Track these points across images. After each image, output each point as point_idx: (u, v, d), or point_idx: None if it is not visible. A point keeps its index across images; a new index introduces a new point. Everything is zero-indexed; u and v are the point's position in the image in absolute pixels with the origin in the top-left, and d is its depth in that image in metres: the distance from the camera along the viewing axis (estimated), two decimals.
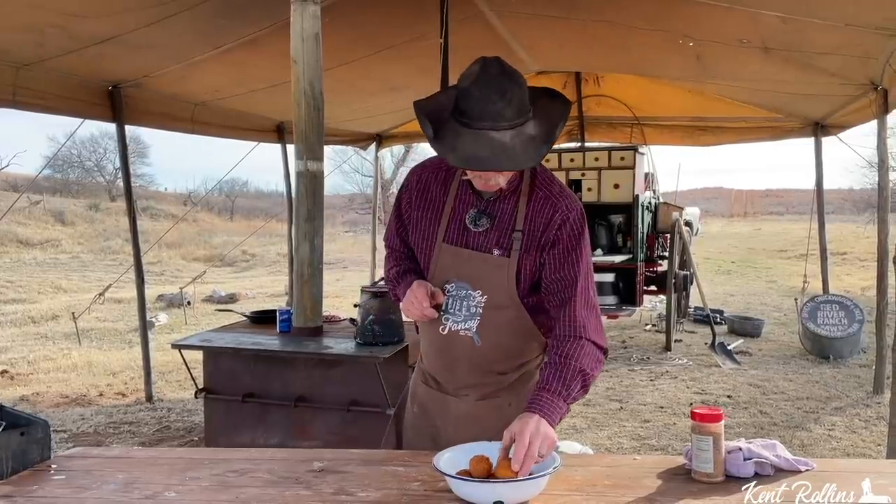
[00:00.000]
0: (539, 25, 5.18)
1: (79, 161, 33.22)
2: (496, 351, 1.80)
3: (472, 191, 1.78)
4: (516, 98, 1.58)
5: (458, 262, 1.78)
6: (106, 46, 4.17)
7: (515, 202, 1.76)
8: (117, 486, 1.52)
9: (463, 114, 1.59)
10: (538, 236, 1.74)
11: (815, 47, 4.37)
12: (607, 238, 7.38)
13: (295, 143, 3.47)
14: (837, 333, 6.42)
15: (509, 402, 1.83)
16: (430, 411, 1.91)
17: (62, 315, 9.38)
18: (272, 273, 15.70)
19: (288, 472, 1.58)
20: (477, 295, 1.76)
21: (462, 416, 1.85)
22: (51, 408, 5.32)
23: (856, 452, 4.20)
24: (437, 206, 1.82)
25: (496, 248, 1.75)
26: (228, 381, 3.32)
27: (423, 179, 1.87)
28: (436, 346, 1.85)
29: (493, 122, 1.56)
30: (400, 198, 1.91)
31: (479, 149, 1.56)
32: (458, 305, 1.78)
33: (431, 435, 1.88)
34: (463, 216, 1.78)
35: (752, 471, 1.50)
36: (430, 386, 1.92)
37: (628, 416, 4.92)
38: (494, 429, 1.77)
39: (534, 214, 1.75)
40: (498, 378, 1.84)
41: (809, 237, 7.66)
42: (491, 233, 1.76)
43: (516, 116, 1.58)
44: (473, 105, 1.57)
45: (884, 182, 5.23)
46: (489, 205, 1.77)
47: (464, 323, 1.77)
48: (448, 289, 1.78)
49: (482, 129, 1.56)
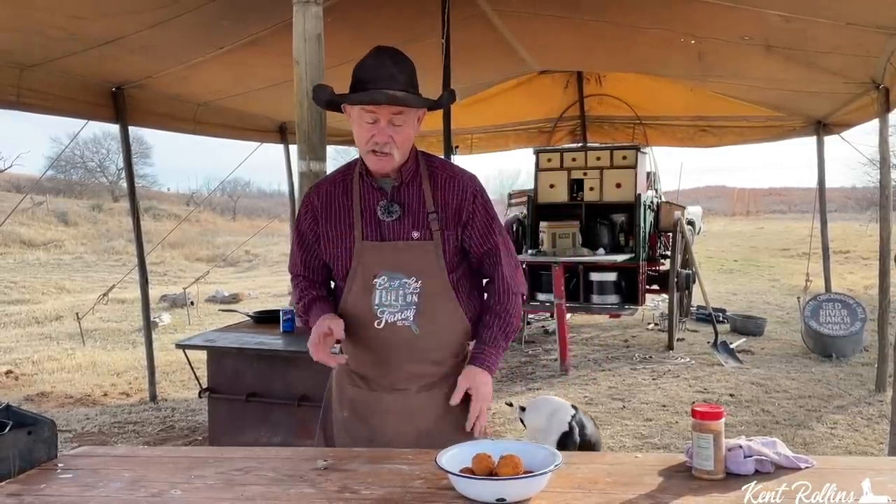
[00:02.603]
0: (541, 25, 5.19)
1: (82, 162, 33.33)
2: (432, 338, 1.84)
3: (375, 187, 1.85)
4: (408, 69, 1.79)
5: (383, 254, 1.82)
6: (109, 48, 4.18)
7: (419, 187, 1.85)
8: (123, 485, 1.53)
9: (359, 82, 1.77)
10: (453, 213, 1.83)
11: (817, 46, 4.37)
12: (609, 237, 7.37)
13: (297, 143, 3.47)
14: (840, 332, 6.41)
15: (444, 391, 1.87)
16: (362, 412, 1.90)
17: (66, 315, 9.40)
18: (275, 273, 15.72)
19: (292, 470, 1.59)
20: (411, 281, 1.81)
21: (401, 411, 1.86)
22: (55, 408, 5.34)
23: (858, 450, 4.20)
24: (346, 211, 1.87)
25: (415, 232, 1.82)
26: (232, 381, 3.34)
27: (323, 193, 1.92)
28: (367, 343, 1.86)
29: (388, 83, 1.73)
30: (299, 223, 1.95)
31: (376, 96, 1.73)
32: (392, 296, 1.80)
33: (368, 437, 1.87)
34: (374, 211, 1.84)
35: (752, 468, 1.51)
36: (359, 386, 1.91)
37: (630, 415, 4.92)
38: (435, 419, 1.86)
39: (443, 194, 1.85)
40: (434, 368, 1.87)
41: (812, 236, 7.66)
42: (405, 219, 1.83)
43: (408, 84, 1.77)
44: (368, 71, 1.76)
45: (885, 180, 5.22)
46: (395, 193, 1.84)
47: (400, 313, 1.81)
48: (378, 282, 1.81)
49: (377, 88, 1.73)
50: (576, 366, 6.34)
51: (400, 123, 1.77)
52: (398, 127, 1.77)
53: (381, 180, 1.86)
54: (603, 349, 7.10)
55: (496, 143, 8.80)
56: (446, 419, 1.86)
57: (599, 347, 7.19)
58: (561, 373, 6.09)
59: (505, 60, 6.12)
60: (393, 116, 1.76)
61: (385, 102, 1.73)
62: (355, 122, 1.80)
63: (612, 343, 7.40)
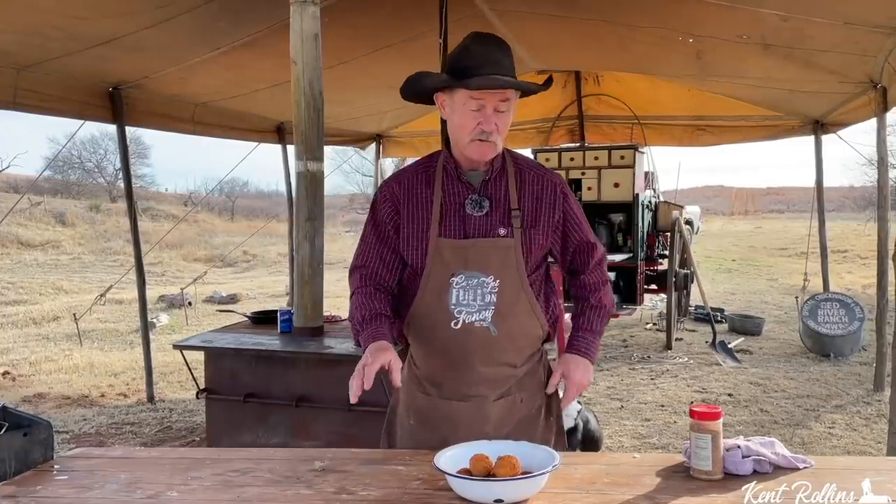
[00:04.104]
0: (539, 24, 5.18)
1: (79, 162, 33.32)
2: (510, 340, 1.77)
3: (462, 180, 1.79)
4: (511, 55, 1.74)
5: (460, 252, 1.74)
6: (107, 48, 4.18)
7: (505, 183, 1.80)
8: (120, 486, 1.52)
9: (465, 70, 1.68)
10: (540, 211, 1.79)
11: (815, 45, 4.37)
12: (607, 237, 7.38)
13: (295, 143, 3.47)
14: (838, 331, 6.42)
15: (521, 397, 1.82)
16: (432, 421, 1.82)
17: (63, 316, 9.38)
18: (273, 273, 15.72)
19: (289, 471, 1.59)
20: (490, 280, 1.73)
21: (472, 421, 1.78)
22: (53, 409, 5.33)
23: (856, 450, 4.20)
24: (427, 204, 1.79)
25: (501, 228, 1.76)
26: (230, 382, 3.32)
27: (405, 183, 1.83)
28: (441, 345, 1.77)
29: (496, 68, 1.68)
30: (376, 212, 1.85)
31: (490, 81, 1.66)
32: (470, 296, 1.73)
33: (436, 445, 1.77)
34: (459, 206, 1.78)
35: (750, 468, 1.50)
36: (429, 393, 1.83)
37: (629, 415, 4.92)
38: (505, 427, 1.79)
39: (529, 191, 1.80)
40: (511, 371, 1.80)
41: (810, 235, 7.67)
42: (493, 214, 1.77)
43: (511, 70, 1.72)
44: (475, 57, 1.69)
45: (883, 180, 5.23)
46: (484, 186, 1.79)
47: (478, 313, 1.73)
48: (455, 281, 1.74)
49: (486, 73, 1.66)
50: None
51: (504, 110, 1.72)
52: (503, 114, 1.72)
53: (470, 173, 1.79)
54: (601, 349, 7.02)
55: None
56: (519, 429, 1.79)
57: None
58: None
59: None
60: (499, 103, 1.70)
61: (506, 87, 1.68)
62: (457, 111, 1.72)
63: (610, 343, 7.40)
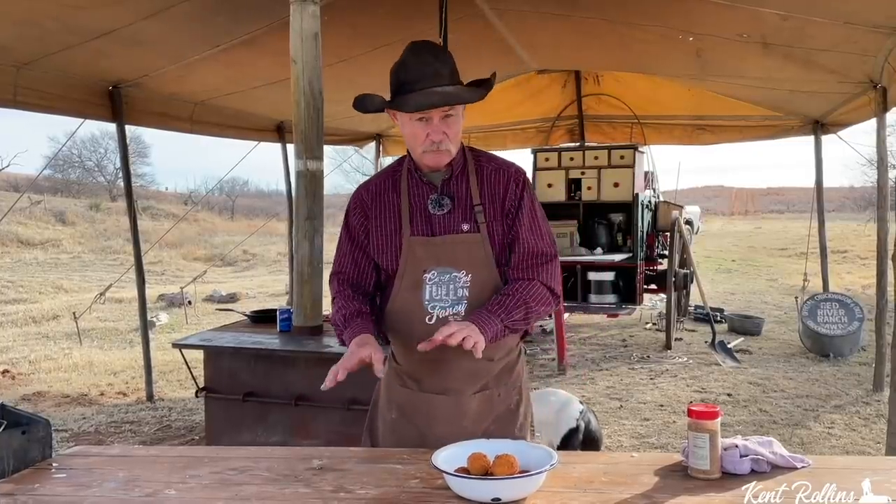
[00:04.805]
0: (538, 24, 5.18)
1: (79, 161, 33.31)
2: None
3: (424, 181, 1.84)
4: (449, 62, 1.75)
5: (431, 250, 1.79)
6: (105, 42, 4.15)
7: (467, 181, 1.83)
8: (118, 485, 1.52)
9: (403, 85, 1.71)
10: (499, 204, 1.82)
11: (815, 44, 4.37)
12: (607, 237, 7.38)
13: (295, 142, 3.47)
14: (837, 331, 6.42)
15: (498, 392, 1.86)
16: (410, 414, 1.87)
17: (63, 315, 9.38)
18: (272, 272, 15.71)
19: (287, 469, 1.59)
20: (461, 275, 1.78)
21: (451, 414, 1.82)
22: (52, 407, 5.33)
23: (855, 450, 4.20)
24: (395, 207, 1.85)
25: (464, 224, 1.80)
26: (229, 381, 3.33)
27: (373, 190, 1.89)
28: (417, 341, 1.76)
29: (433, 81, 1.69)
30: (348, 220, 1.90)
31: (429, 97, 1.69)
32: (443, 291, 1.78)
33: (416, 438, 1.84)
34: (423, 206, 1.82)
35: (748, 468, 1.50)
36: (409, 387, 1.87)
37: (628, 415, 4.92)
38: (483, 421, 1.83)
39: (489, 186, 1.83)
40: (487, 365, 1.83)
41: (810, 235, 7.67)
42: (455, 212, 1.81)
43: (452, 77, 1.73)
44: (411, 71, 1.71)
45: (883, 180, 5.23)
46: (445, 186, 1.83)
47: (451, 308, 1.77)
48: (428, 277, 1.78)
49: (424, 88, 1.69)
50: (574, 365, 6.34)
51: (452, 115, 1.74)
52: (450, 121, 1.74)
53: (430, 174, 1.84)
54: (601, 349, 7.09)
55: (494, 142, 8.79)
56: (498, 423, 1.84)
57: (597, 347, 7.19)
58: (559, 372, 6.10)
59: (503, 60, 6.11)
60: (444, 113, 1.73)
61: (441, 104, 1.70)
62: (406, 125, 1.77)
63: (609, 343, 7.40)
